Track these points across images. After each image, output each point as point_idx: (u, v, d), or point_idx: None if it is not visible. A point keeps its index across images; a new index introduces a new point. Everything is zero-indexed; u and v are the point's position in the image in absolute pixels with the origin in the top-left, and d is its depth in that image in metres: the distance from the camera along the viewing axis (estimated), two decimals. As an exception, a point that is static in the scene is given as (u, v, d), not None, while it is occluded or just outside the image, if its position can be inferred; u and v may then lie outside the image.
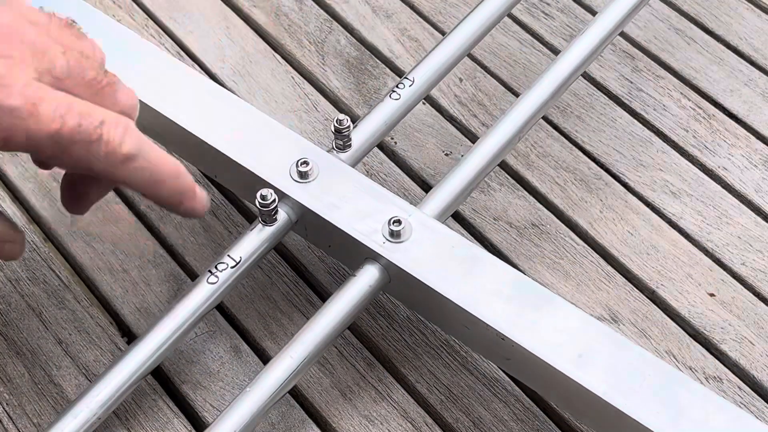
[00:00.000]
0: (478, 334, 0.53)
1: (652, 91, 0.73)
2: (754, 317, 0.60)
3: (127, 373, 0.50)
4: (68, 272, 0.60)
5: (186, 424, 0.54)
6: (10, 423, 0.54)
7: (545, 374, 0.51)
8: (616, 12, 0.65)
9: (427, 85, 0.61)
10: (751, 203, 0.66)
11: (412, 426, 0.55)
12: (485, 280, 0.53)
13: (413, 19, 0.77)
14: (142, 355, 0.51)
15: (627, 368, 0.50)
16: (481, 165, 0.58)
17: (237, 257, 0.53)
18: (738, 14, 0.78)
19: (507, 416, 0.56)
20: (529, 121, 0.60)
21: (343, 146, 0.57)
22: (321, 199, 0.55)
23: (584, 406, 0.51)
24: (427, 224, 0.54)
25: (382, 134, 0.59)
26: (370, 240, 0.54)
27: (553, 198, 0.66)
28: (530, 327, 0.51)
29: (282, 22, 0.76)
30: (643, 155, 0.69)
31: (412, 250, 0.53)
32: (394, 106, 0.59)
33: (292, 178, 0.56)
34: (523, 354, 0.51)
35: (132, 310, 0.59)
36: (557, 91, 0.62)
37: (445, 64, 0.62)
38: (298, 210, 0.55)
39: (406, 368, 0.57)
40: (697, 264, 0.63)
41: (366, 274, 0.54)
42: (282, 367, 0.50)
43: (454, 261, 0.53)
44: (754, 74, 0.74)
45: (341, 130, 0.57)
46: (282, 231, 0.55)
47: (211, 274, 0.53)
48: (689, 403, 0.49)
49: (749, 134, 0.70)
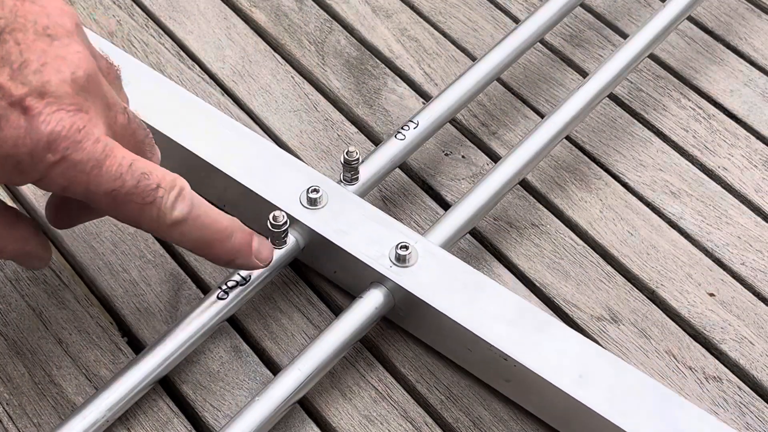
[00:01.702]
0: (480, 355, 0.54)
1: (652, 91, 0.73)
2: (754, 317, 0.60)
3: (134, 381, 0.52)
4: (68, 272, 0.60)
5: (186, 424, 0.54)
6: (10, 423, 0.54)
7: (546, 394, 0.52)
8: (646, 35, 0.68)
9: (430, 129, 0.63)
10: (751, 203, 0.66)
11: (412, 426, 0.55)
12: (489, 304, 0.55)
13: (413, 19, 0.77)
14: (150, 365, 0.53)
15: (626, 389, 0.52)
16: (486, 199, 0.60)
17: (246, 275, 0.55)
18: (738, 14, 0.78)
19: (507, 416, 0.56)
20: (536, 156, 0.62)
21: (351, 179, 0.59)
22: (330, 225, 0.57)
23: (583, 426, 0.52)
24: (432, 251, 0.56)
25: (387, 171, 0.62)
26: (378, 264, 0.56)
27: (553, 198, 0.66)
28: (532, 348, 0.53)
29: (282, 22, 0.76)
30: (643, 155, 0.69)
31: (418, 274, 0.55)
32: (399, 145, 0.62)
33: (302, 204, 0.58)
34: (525, 374, 0.53)
35: (132, 310, 0.59)
36: (570, 124, 0.64)
37: (449, 110, 0.64)
38: (307, 236, 0.57)
39: (406, 368, 0.57)
40: (697, 264, 0.63)
41: (372, 297, 0.55)
42: (291, 378, 0.52)
43: (459, 286, 0.55)
44: (754, 74, 0.74)
45: (351, 162, 0.59)
46: (290, 255, 0.57)
47: (221, 290, 0.54)
48: (687, 424, 0.51)
49: (749, 134, 0.70)
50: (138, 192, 0.45)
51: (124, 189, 0.44)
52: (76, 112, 0.43)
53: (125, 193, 0.44)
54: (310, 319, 0.59)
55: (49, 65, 0.42)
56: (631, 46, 0.67)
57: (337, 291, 0.60)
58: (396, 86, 0.72)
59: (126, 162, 0.44)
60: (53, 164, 0.42)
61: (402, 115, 0.70)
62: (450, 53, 0.74)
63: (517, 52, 0.67)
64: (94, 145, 0.43)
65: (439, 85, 0.72)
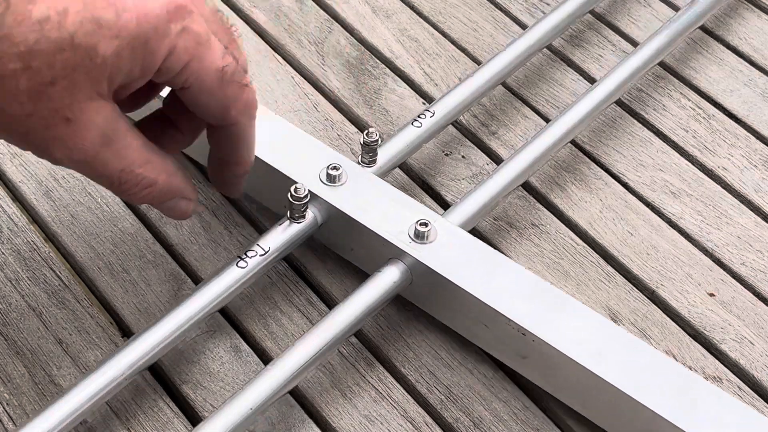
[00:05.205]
0: (498, 331, 0.54)
1: (652, 91, 0.73)
2: (754, 317, 0.60)
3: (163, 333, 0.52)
4: (68, 272, 0.60)
5: (186, 424, 0.54)
6: (10, 423, 0.54)
7: (564, 370, 0.53)
8: (658, 43, 0.69)
9: (447, 118, 0.64)
10: (751, 203, 0.66)
11: (412, 426, 0.55)
12: (507, 282, 0.55)
13: (413, 19, 0.77)
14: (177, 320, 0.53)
15: (644, 366, 0.52)
16: (506, 182, 0.61)
17: (266, 247, 0.56)
18: (738, 14, 0.78)
19: (507, 416, 0.56)
20: (556, 145, 0.63)
21: (369, 161, 0.60)
22: (349, 201, 0.58)
23: (600, 403, 0.52)
24: (451, 230, 0.57)
25: (405, 156, 0.62)
26: (397, 239, 0.56)
27: (553, 198, 0.66)
28: (551, 324, 0.53)
29: (282, 22, 0.76)
30: (643, 155, 0.69)
31: (437, 250, 0.56)
32: (416, 132, 0.62)
33: (322, 181, 0.58)
34: (543, 349, 0.53)
35: (132, 310, 0.59)
36: (587, 117, 0.65)
37: (468, 98, 0.65)
38: (325, 212, 0.58)
39: (406, 368, 0.57)
40: (697, 264, 0.63)
41: (390, 272, 0.56)
42: (312, 343, 0.52)
43: (477, 263, 0.56)
44: (754, 74, 0.74)
45: (370, 144, 0.59)
46: (308, 230, 0.58)
47: (240, 259, 0.55)
48: (705, 401, 0.51)
49: (749, 134, 0.70)
50: (240, 71, 0.46)
51: (231, 66, 0.45)
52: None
53: (231, 72, 0.45)
54: (310, 319, 0.59)
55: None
56: (642, 53, 0.68)
57: (337, 291, 0.60)
58: (396, 86, 0.72)
59: (224, 43, 0.46)
60: (178, 34, 0.43)
61: (402, 115, 0.70)
62: (450, 53, 0.74)
63: (541, 43, 0.69)
64: (202, 19, 0.44)
65: (439, 86, 0.72)
